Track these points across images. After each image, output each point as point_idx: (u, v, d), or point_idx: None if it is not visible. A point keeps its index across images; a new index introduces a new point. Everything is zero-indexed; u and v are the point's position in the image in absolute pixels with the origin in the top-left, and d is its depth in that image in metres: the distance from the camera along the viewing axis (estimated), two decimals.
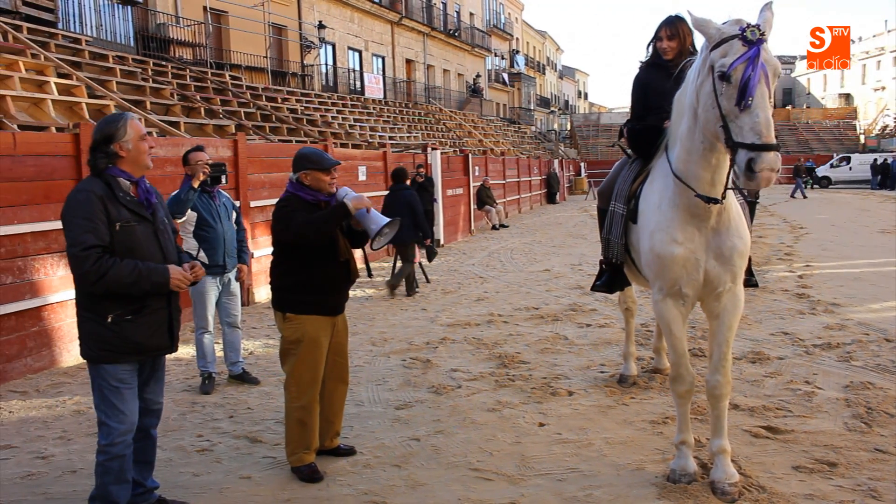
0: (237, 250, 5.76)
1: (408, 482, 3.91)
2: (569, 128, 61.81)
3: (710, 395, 3.74)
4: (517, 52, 53.71)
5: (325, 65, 27.51)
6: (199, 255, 5.31)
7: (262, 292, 9.31)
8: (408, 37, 34.42)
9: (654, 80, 4.22)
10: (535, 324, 7.80)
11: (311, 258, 3.92)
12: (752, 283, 9.08)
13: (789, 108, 61.85)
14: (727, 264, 3.61)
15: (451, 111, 36.04)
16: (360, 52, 29.97)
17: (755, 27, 3.06)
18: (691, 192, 3.52)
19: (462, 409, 5.04)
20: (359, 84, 29.26)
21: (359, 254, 5.12)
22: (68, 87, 11.58)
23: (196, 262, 3.44)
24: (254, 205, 9.40)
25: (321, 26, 26.17)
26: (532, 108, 56.11)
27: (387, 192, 10.39)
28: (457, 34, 40.49)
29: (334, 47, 27.96)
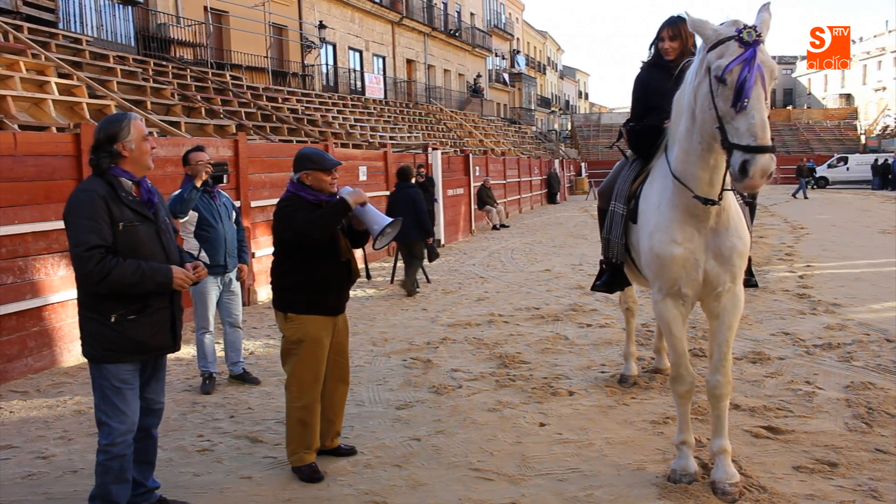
0: (237, 250, 5.77)
1: (408, 482, 3.91)
2: (569, 128, 61.81)
3: (711, 395, 3.74)
4: (518, 52, 53.71)
5: (326, 65, 27.52)
6: (200, 255, 5.31)
7: (263, 292, 9.32)
8: (408, 37, 34.43)
9: (655, 80, 4.22)
10: (536, 324, 7.80)
11: (312, 258, 3.93)
12: (751, 284, 9.13)
13: (790, 108, 61.85)
14: (726, 264, 3.61)
15: (452, 111, 36.05)
16: (360, 52, 29.99)
17: (752, 28, 3.06)
18: (689, 192, 3.53)
19: (463, 409, 5.04)
20: (359, 84, 29.27)
21: (358, 254, 5.12)
22: (69, 87, 11.58)
23: (198, 262, 3.45)
24: (254, 205, 9.41)
25: (322, 26, 26.17)
26: (533, 108, 56.11)
27: (392, 191, 10.49)
28: (457, 34, 40.49)
29: (335, 47, 27.96)
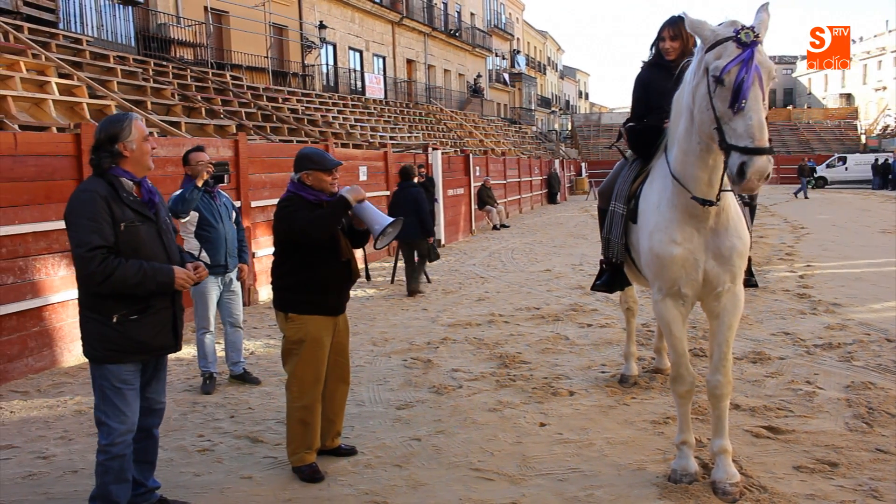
0: (238, 250, 5.78)
1: (409, 482, 3.91)
2: (570, 128, 61.79)
3: (711, 395, 3.74)
4: (518, 52, 53.71)
5: (326, 65, 27.53)
6: (200, 255, 5.31)
7: (264, 292, 9.33)
8: (409, 37, 34.43)
9: (656, 80, 4.22)
10: (536, 324, 7.80)
11: (312, 258, 3.93)
12: (751, 284, 9.13)
13: (790, 108, 61.83)
14: (726, 264, 3.61)
15: (452, 111, 36.05)
16: (360, 53, 29.99)
17: (749, 29, 3.05)
18: (688, 192, 3.53)
19: (463, 409, 5.04)
20: (359, 84, 29.28)
21: (359, 255, 5.13)
22: (69, 87, 11.59)
23: (199, 263, 3.46)
24: (255, 205, 9.41)
25: (322, 26, 26.18)
26: (533, 108, 56.10)
27: (394, 190, 10.53)
28: (458, 34, 40.49)
29: (335, 47, 27.97)
